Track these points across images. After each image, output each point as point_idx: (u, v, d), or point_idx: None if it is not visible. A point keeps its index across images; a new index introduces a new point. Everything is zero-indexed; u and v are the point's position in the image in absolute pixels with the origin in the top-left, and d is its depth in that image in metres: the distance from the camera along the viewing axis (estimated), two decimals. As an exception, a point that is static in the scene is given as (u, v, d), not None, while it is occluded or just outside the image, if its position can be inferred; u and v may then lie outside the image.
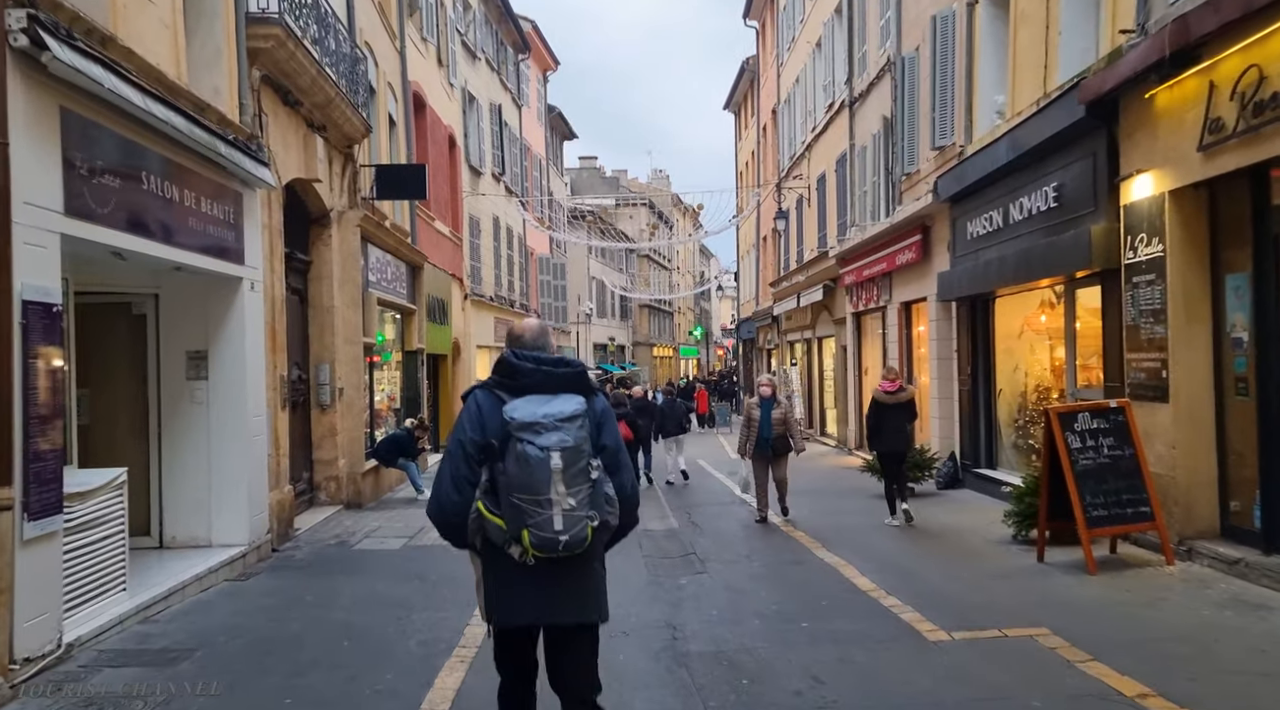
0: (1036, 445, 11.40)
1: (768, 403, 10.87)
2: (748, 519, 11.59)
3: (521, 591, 3.27)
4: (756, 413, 10.88)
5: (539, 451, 3.15)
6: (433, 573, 8.33)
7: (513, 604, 3.31)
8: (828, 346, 23.90)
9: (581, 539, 3.19)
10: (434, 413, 20.32)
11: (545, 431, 3.18)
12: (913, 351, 15.92)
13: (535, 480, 3.14)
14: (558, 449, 3.17)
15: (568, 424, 3.22)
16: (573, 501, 3.16)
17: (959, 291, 12.19)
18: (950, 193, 12.48)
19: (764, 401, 10.89)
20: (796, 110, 26.10)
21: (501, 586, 3.31)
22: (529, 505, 3.14)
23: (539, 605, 3.30)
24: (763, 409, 10.83)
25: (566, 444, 3.18)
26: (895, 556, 8.66)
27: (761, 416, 10.79)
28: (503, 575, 3.29)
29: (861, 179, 18.87)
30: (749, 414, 11.02)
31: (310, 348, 12.08)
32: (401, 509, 12.50)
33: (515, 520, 3.15)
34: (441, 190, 20.93)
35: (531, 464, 3.14)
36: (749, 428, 10.91)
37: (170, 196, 7.04)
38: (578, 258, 42.74)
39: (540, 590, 3.27)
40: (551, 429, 3.19)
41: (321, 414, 12.14)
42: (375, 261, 14.09)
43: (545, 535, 3.14)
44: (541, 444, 3.16)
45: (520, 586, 3.27)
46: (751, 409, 11.03)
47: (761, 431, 10.74)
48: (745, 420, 11.08)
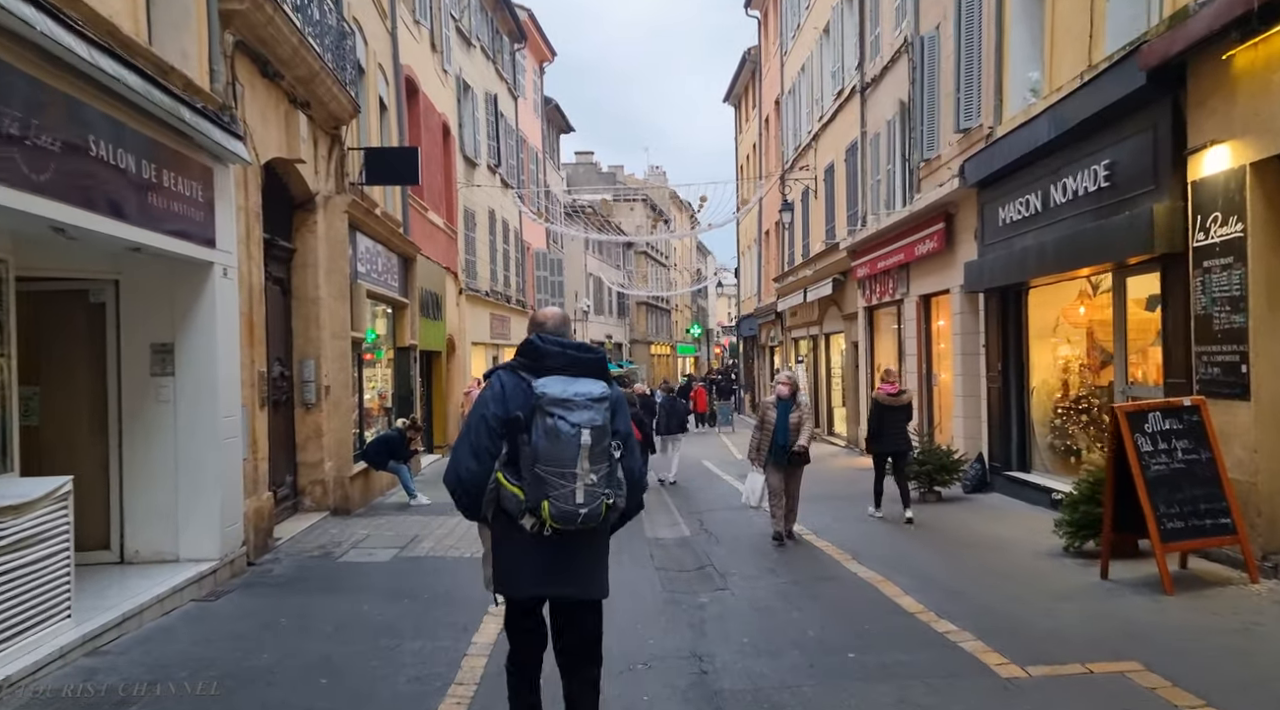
0: (1075, 447, 10.63)
1: (785, 404, 9.39)
2: (764, 526, 10.75)
3: (530, 563, 3.41)
4: (772, 414, 9.40)
5: (570, 427, 3.29)
6: (425, 590, 7.49)
7: (520, 575, 3.44)
8: (835, 343, 23.09)
9: (598, 513, 3.35)
10: (427, 412, 19.46)
11: (577, 409, 3.31)
12: (932, 347, 15.11)
13: (564, 454, 3.28)
14: (588, 427, 3.31)
15: (597, 404, 3.37)
16: (594, 477, 3.31)
17: (989, 282, 11.38)
18: (979, 177, 11.67)
19: (781, 403, 9.42)
20: (802, 99, 25.29)
21: (510, 558, 3.44)
22: (554, 477, 3.27)
23: (545, 578, 3.44)
24: (779, 411, 9.37)
25: (596, 423, 3.33)
26: (937, 571, 7.83)
27: (778, 420, 9.34)
28: (513, 547, 3.42)
29: (874, 168, 18.06)
30: (763, 415, 9.54)
31: (294, 342, 11.23)
32: (392, 515, 11.66)
33: (537, 491, 3.30)
34: (435, 180, 20.09)
35: (562, 438, 3.28)
36: (762, 431, 9.48)
37: (125, 167, 6.19)
38: (575, 254, 41.92)
39: (548, 564, 3.41)
40: (583, 407, 3.33)
41: (306, 413, 11.28)
42: (364, 251, 13.24)
43: (566, 508, 3.29)
44: (574, 420, 3.29)
45: (529, 559, 3.40)
46: (766, 410, 9.54)
47: (777, 437, 9.29)
48: (759, 422, 9.61)
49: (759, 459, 9.53)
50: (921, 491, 11.65)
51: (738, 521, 11.18)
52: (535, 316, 3.78)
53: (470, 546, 9.41)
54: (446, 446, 20.20)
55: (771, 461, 9.40)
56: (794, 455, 9.28)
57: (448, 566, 8.49)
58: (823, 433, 23.24)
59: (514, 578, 3.47)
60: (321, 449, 11.32)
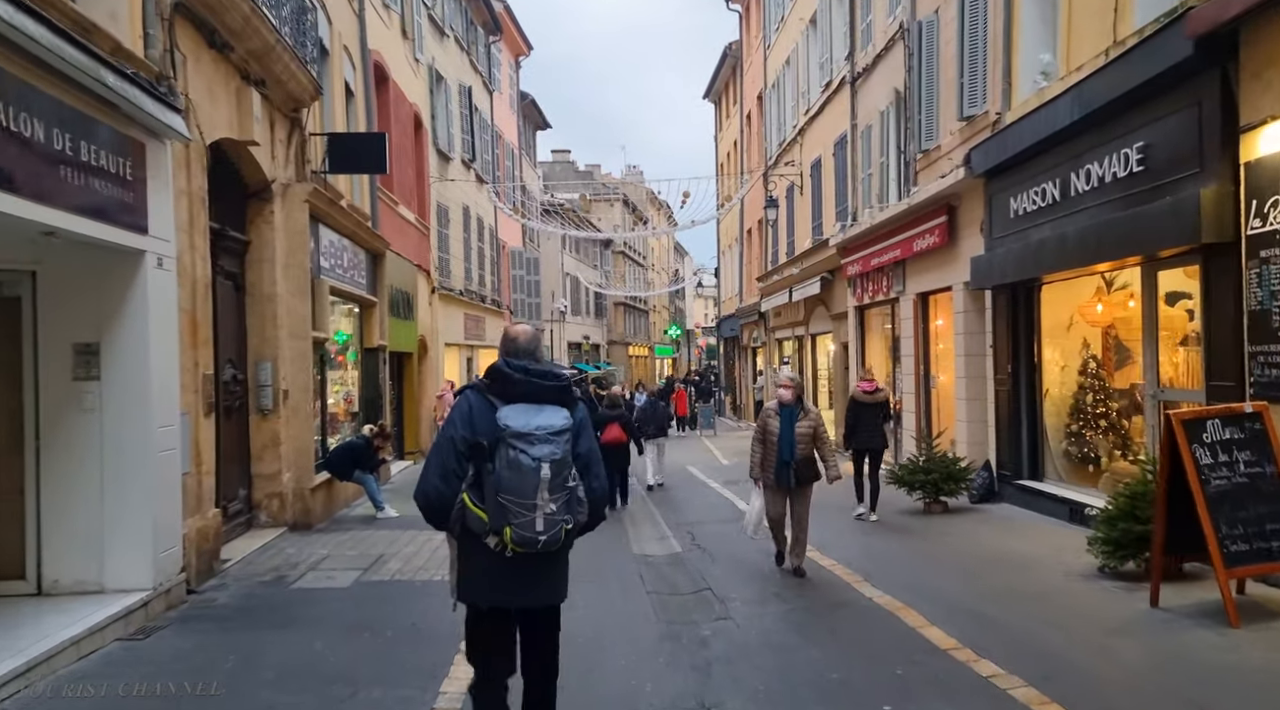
0: (1093, 454, 9.90)
1: (790, 411, 7.95)
2: (763, 543, 9.96)
3: (494, 576, 3.55)
4: (775, 424, 7.94)
5: (532, 461, 3.40)
6: (389, 623, 6.61)
7: (484, 587, 3.59)
8: (822, 344, 22.36)
9: (557, 539, 3.49)
10: (398, 416, 18.52)
11: (538, 443, 3.43)
12: (930, 348, 14.37)
13: (525, 486, 3.40)
14: (548, 460, 3.43)
15: (557, 438, 3.48)
16: (554, 507, 3.44)
17: (999, 278, 10.62)
18: (987, 166, 10.92)
19: (784, 409, 7.97)
20: (786, 93, 24.55)
21: (475, 571, 3.60)
22: (515, 507, 3.40)
23: (509, 590, 3.58)
24: (783, 420, 7.92)
25: (555, 457, 3.45)
26: (961, 595, 7.04)
27: (781, 430, 7.88)
28: (478, 561, 3.57)
29: (865, 161, 17.32)
30: (764, 425, 8.06)
31: (249, 342, 10.29)
32: (357, 530, 10.75)
33: (499, 517, 3.42)
34: (406, 173, 19.16)
35: (524, 471, 3.40)
36: (763, 444, 8.03)
37: (32, 136, 5.28)
38: (551, 253, 41.01)
39: (509, 577, 3.55)
40: (543, 441, 3.44)
41: (263, 420, 10.35)
42: (328, 245, 12.32)
43: (526, 534, 3.42)
44: (535, 455, 3.41)
45: (493, 572, 3.55)
46: (767, 419, 8.04)
47: (781, 452, 7.85)
48: (758, 434, 8.10)
49: (763, 478, 8.09)
50: (926, 502, 10.89)
51: (732, 536, 10.36)
52: (507, 333, 3.89)
53: (441, 568, 8.56)
54: (419, 452, 19.26)
55: (774, 481, 7.95)
56: (799, 469, 7.90)
57: (415, 593, 7.61)
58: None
59: (481, 588, 3.63)
60: (279, 459, 10.40)
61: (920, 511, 10.94)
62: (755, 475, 8.24)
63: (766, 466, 8.03)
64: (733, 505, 12.67)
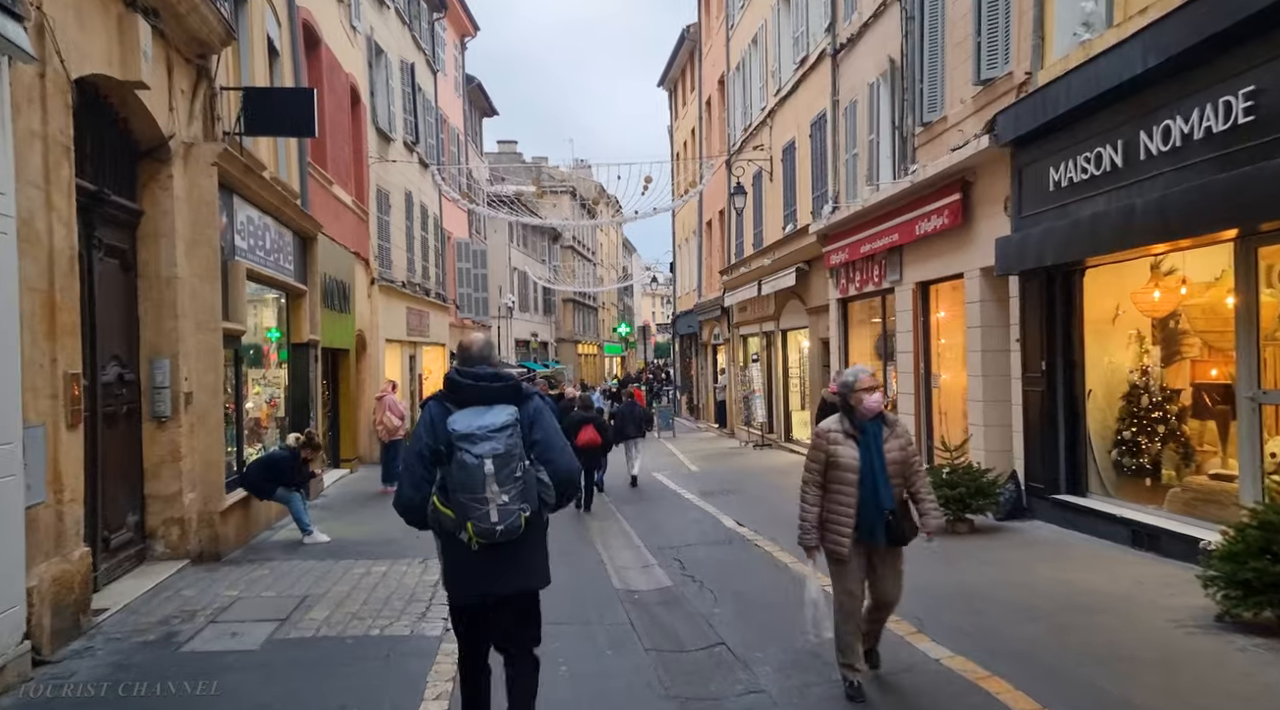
0: (1150, 465, 8.49)
1: (875, 429, 4.94)
2: (764, 568, 8.39)
3: (471, 568, 3.85)
4: (850, 453, 4.90)
5: (474, 459, 3.70)
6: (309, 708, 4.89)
7: (463, 579, 3.91)
8: (794, 340, 20.89)
9: (516, 527, 3.74)
10: (333, 421, 16.62)
11: (479, 441, 3.71)
12: (931, 343, 12.92)
13: (473, 482, 3.69)
14: (489, 456, 3.70)
15: (499, 434, 3.74)
16: (505, 498, 3.70)
17: (1032, 261, 9.15)
18: (1016, 133, 9.46)
19: (867, 428, 4.93)
20: (753, 75, 23.05)
21: (455, 564, 3.90)
22: (470, 502, 3.70)
23: (484, 579, 3.87)
24: (866, 444, 4.90)
25: (498, 452, 3.72)
26: (1055, 656, 5.49)
27: (870, 462, 4.87)
28: (455, 556, 3.87)
29: (850, 141, 15.85)
30: (827, 455, 4.95)
31: (141, 335, 8.43)
32: (278, 560, 8.94)
33: (461, 513, 3.73)
34: (342, 151, 17.26)
35: (469, 469, 3.69)
36: (830, 486, 4.95)
37: None
38: (499, 246, 39.11)
39: (485, 567, 3.84)
40: (484, 439, 3.72)
41: (159, 430, 8.49)
42: (247, 222, 10.47)
43: (484, 526, 3.70)
44: (476, 453, 3.70)
45: (469, 564, 3.84)
46: (834, 446, 4.94)
47: (876, 496, 4.86)
48: (815, 471, 5.00)
49: (833, 542, 4.94)
50: (950, 520, 9.39)
51: (727, 562, 8.78)
52: (461, 342, 4.16)
53: (386, 611, 6.83)
54: (356, 460, 17.35)
55: (855, 546, 4.91)
56: (895, 523, 4.95)
57: (346, 656, 5.86)
58: (779, 438, 21.05)
59: (459, 581, 3.93)
60: (179, 476, 8.54)
61: (944, 532, 9.42)
62: (812, 541, 4.99)
63: (840, 523, 4.90)
64: (718, 522, 11.09)
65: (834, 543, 4.96)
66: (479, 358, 4.00)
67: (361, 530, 10.70)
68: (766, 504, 12.59)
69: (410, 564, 8.64)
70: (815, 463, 5.03)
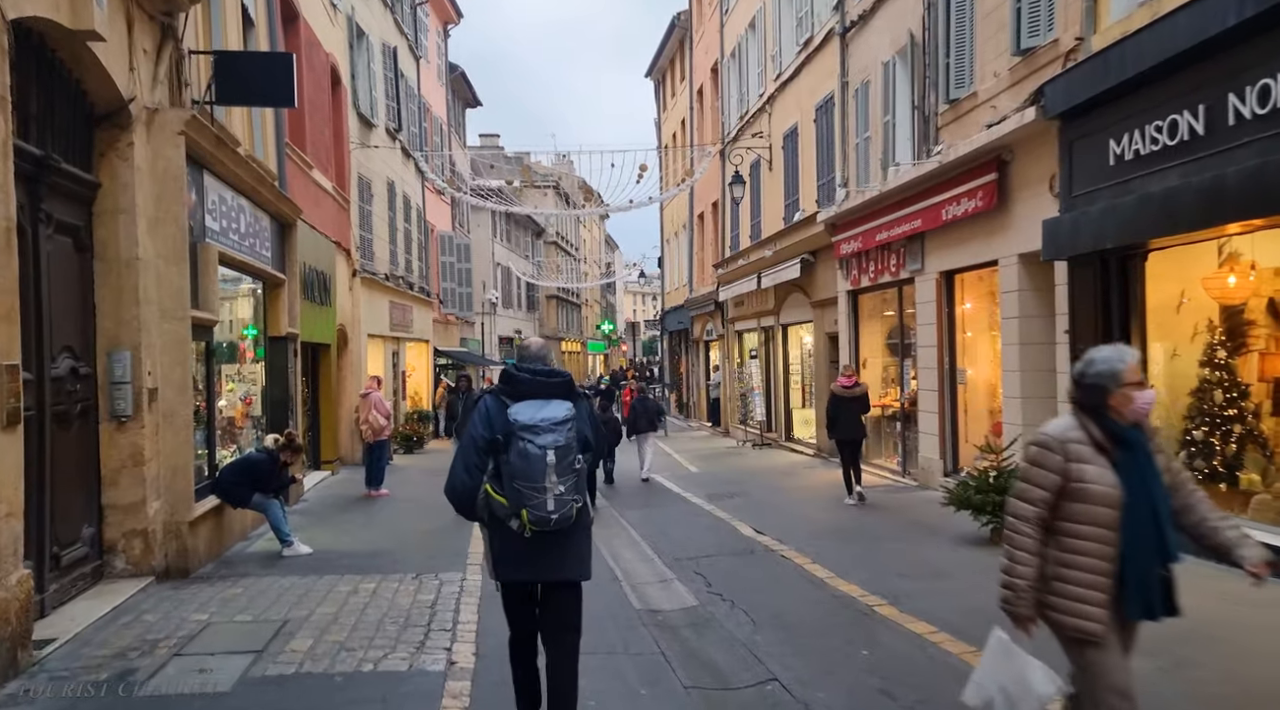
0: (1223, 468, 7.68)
1: (1139, 440, 3.35)
2: (798, 583, 7.53)
3: (520, 555, 3.99)
4: (1105, 476, 3.27)
5: (538, 449, 3.83)
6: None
7: (512, 565, 4.05)
8: (795, 335, 20.07)
9: (569, 517, 3.91)
10: (313, 421, 15.64)
11: (543, 433, 3.85)
12: (956, 336, 12.10)
13: (534, 471, 3.82)
14: (552, 448, 3.84)
15: (560, 427, 3.90)
16: (562, 488, 3.85)
17: (1088, 244, 8.33)
18: (1070, 104, 8.64)
19: (1130, 437, 3.33)
20: (749, 60, 22.22)
21: (504, 551, 4.04)
22: (528, 491, 3.83)
23: (534, 566, 4.04)
24: (1128, 463, 3.30)
25: (559, 444, 3.87)
26: (1183, 703, 4.67)
27: (1137, 489, 3.27)
28: (505, 543, 4.01)
29: (861, 123, 15.02)
30: (1070, 474, 3.29)
31: (98, 324, 7.47)
32: (255, 576, 8.01)
33: (516, 501, 3.86)
34: (322, 134, 16.27)
35: (531, 459, 3.82)
36: (1077, 526, 3.29)
37: None
38: (482, 241, 38.11)
39: (534, 555, 3.98)
40: (547, 431, 3.86)
41: (118, 431, 7.53)
42: (219, 202, 9.51)
43: (540, 514, 3.84)
44: (540, 443, 3.83)
45: (519, 551, 3.98)
46: (1079, 458, 3.29)
47: (1152, 542, 3.27)
48: (1045, 494, 3.32)
49: (1074, 614, 3.28)
50: (990, 524, 8.56)
51: (755, 577, 7.92)
52: (520, 342, 4.65)
53: (379, 640, 5.92)
54: (338, 461, 16.38)
55: (1110, 620, 3.28)
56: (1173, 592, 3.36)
57: (334, 699, 4.94)
58: (780, 438, 20.23)
59: (509, 566, 4.05)
60: (142, 483, 7.58)
61: (987, 541, 8.62)
62: (1026, 610, 3.35)
63: (1084, 584, 3.27)
64: (734, 529, 10.24)
65: (1076, 615, 3.26)
66: (536, 356, 4.25)
67: (347, 540, 9.77)
68: (780, 508, 11.76)
69: (402, 580, 7.74)
70: (1040, 487, 3.32)
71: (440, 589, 7.48)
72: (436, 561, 8.59)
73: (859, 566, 7.98)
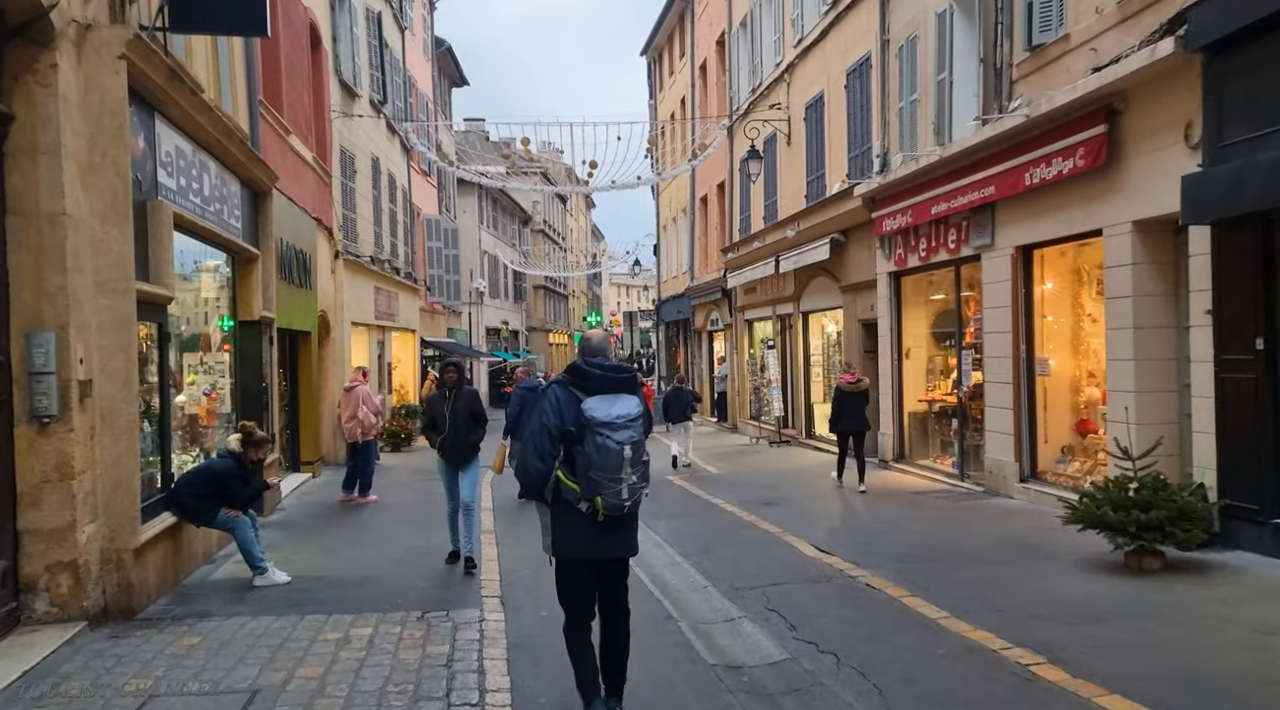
0: None
1: None
2: (909, 626, 5.90)
3: (586, 536, 4.27)
4: None
5: (616, 445, 4.13)
6: None
7: (576, 543, 4.30)
8: (817, 324, 18.49)
9: (638, 503, 4.30)
10: (291, 417, 13.93)
11: (620, 429, 4.15)
12: (1034, 320, 10.53)
13: (611, 464, 4.13)
14: (629, 443, 4.16)
15: (634, 423, 4.22)
16: (635, 477, 4.20)
17: (1252, 202, 6.74)
18: (1224, 32, 7.08)
19: None
20: (764, 29, 20.57)
21: (568, 531, 4.30)
22: (605, 481, 4.14)
23: (599, 546, 4.31)
24: None
25: (634, 439, 4.20)
26: None
27: None
28: (569, 523, 4.28)
29: (907, 85, 13.41)
30: None
31: (11, 297, 5.78)
32: (220, 618, 6.34)
33: (590, 488, 4.16)
34: (301, 98, 14.53)
35: (610, 453, 4.12)
36: None
37: None
38: (469, 228, 36.36)
39: (599, 536, 4.28)
40: (624, 427, 4.17)
41: (40, 435, 5.84)
42: (176, 154, 7.82)
43: (615, 501, 4.17)
44: (618, 439, 4.14)
45: (586, 533, 4.26)
46: None
47: None
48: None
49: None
50: (1131, 552, 6.99)
51: (847, 616, 6.31)
52: (583, 335, 4.77)
53: None
54: (319, 462, 14.67)
55: None
56: None
57: None
58: (800, 434, 18.65)
59: (572, 546, 4.31)
60: (72, 501, 5.89)
61: (1121, 567, 7.06)
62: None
63: None
64: (789, 546, 8.65)
65: None
66: (598, 349, 4.49)
67: (332, 563, 8.13)
68: (833, 518, 10.24)
69: (404, 622, 6.13)
70: None
71: (454, 635, 5.88)
72: (444, 592, 7.02)
73: (976, 603, 6.39)
